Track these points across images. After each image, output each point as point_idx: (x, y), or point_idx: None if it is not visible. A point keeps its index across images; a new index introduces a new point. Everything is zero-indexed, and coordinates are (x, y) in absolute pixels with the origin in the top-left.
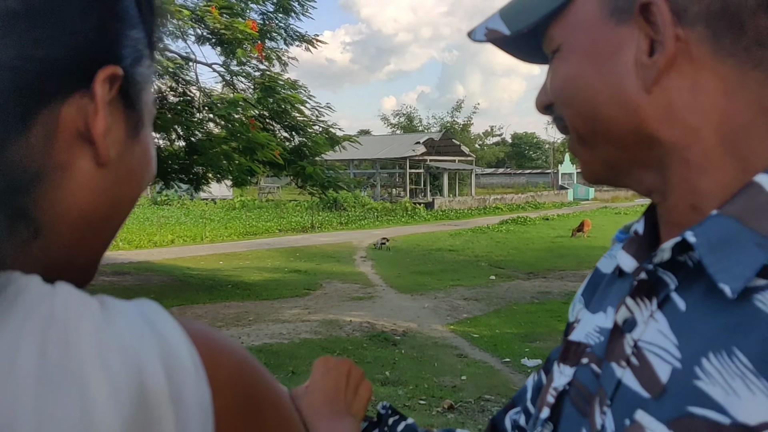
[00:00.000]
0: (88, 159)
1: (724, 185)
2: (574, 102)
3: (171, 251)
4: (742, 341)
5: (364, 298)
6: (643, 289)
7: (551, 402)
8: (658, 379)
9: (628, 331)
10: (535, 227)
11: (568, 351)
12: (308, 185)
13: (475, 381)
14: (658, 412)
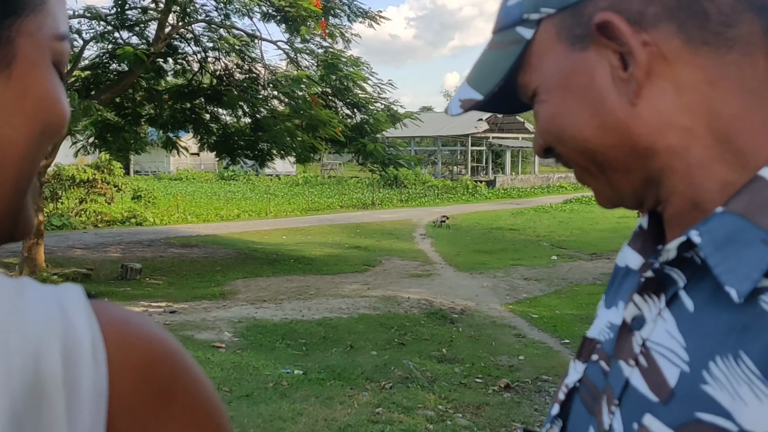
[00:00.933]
0: None
1: (725, 182)
2: (565, 139)
3: (237, 225)
4: (748, 345)
5: (423, 275)
6: (651, 287)
7: (561, 399)
8: (666, 382)
9: (637, 328)
10: (600, 207)
11: (583, 347)
12: (369, 162)
13: (533, 361)
14: (667, 417)
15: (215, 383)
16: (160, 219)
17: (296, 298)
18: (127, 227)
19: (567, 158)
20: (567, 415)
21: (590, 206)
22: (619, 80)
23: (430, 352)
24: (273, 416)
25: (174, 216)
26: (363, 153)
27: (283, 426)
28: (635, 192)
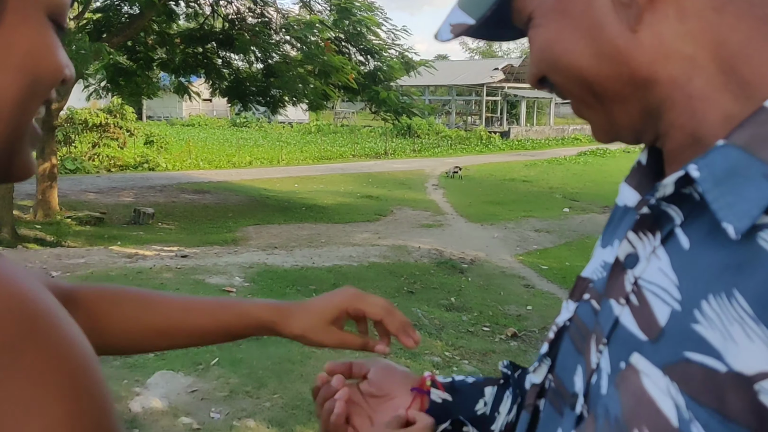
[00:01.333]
0: None
1: (728, 114)
2: (560, 68)
3: (249, 172)
4: (743, 283)
5: (434, 225)
6: (646, 224)
7: (551, 337)
8: (656, 320)
9: (630, 266)
10: (615, 159)
11: (576, 287)
12: (382, 111)
13: (541, 311)
14: (655, 356)
15: None
16: (172, 164)
17: (307, 245)
18: (139, 172)
19: (562, 89)
20: (556, 354)
21: (604, 159)
22: (620, 5)
23: (438, 301)
24: (282, 359)
25: (186, 162)
26: (376, 101)
27: (291, 368)
28: (633, 125)
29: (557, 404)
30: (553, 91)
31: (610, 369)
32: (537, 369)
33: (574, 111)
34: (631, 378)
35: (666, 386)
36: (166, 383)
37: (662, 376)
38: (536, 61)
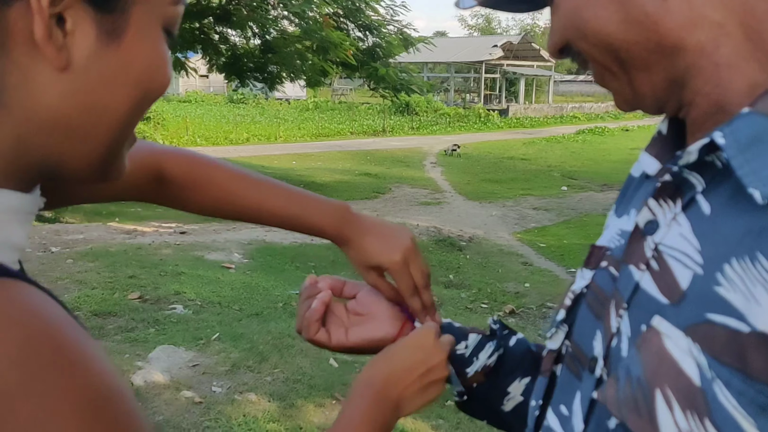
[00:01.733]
0: (45, 62)
1: (753, 83)
2: (587, 34)
3: (246, 149)
4: (766, 246)
5: (432, 203)
6: (667, 191)
7: (568, 304)
8: (678, 284)
9: (650, 233)
10: (613, 138)
11: (591, 256)
12: (380, 87)
13: (539, 288)
14: (676, 318)
15: (225, 302)
16: (169, 141)
17: None
18: None
19: (587, 55)
20: (573, 320)
21: (603, 137)
22: None
23: (437, 278)
24: (282, 334)
25: (183, 138)
26: (374, 77)
27: (291, 343)
28: (656, 94)
29: (575, 369)
30: (575, 60)
31: (630, 332)
32: (553, 335)
33: (596, 80)
34: (652, 340)
35: (688, 347)
36: (168, 357)
37: (684, 337)
38: (561, 27)
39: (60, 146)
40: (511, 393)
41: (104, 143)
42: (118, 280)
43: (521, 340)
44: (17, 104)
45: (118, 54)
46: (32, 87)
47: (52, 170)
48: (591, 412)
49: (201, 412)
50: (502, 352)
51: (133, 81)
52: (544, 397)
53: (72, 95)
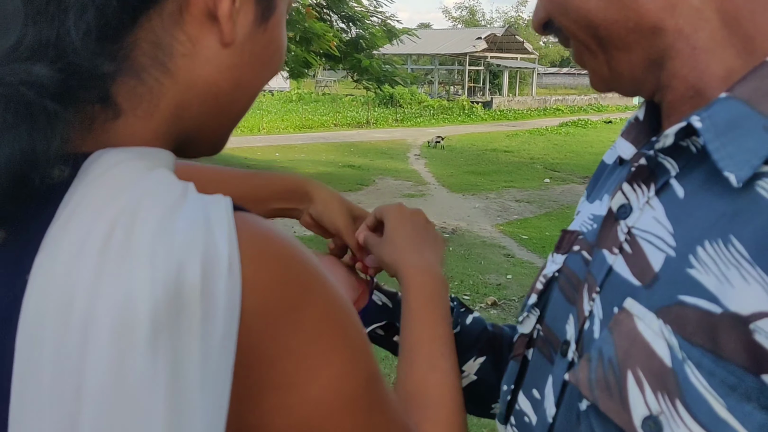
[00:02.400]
0: (214, 37)
1: (730, 68)
2: (569, 10)
3: (229, 141)
4: (739, 229)
5: (416, 195)
6: (641, 175)
7: (539, 288)
8: (651, 267)
9: (623, 217)
10: (596, 130)
11: (562, 240)
12: (364, 79)
13: (520, 280)
14: (648, 300)
15: None
16: None
17: None
18: None
19: (568, 32)
20: (545, 305)
21: (585, 129)
22: None
23: None
24: None
25: None
26: (358, 69)
27: None
28: (634, 74)
29: (547, 353)
30: (557, 36)
31: (602, 315)
32: (525, 319)
33: (575, 58)
34: (624, 321)
35: (659, 328)
36: None
37: (656, 319)
38: (546, 2)
39: (206, 116)
40: (466, 372)
41: (236, 118)
42: None
43: (477, 319)
44: (183, 73)
45: (265, 35)
46: (198, 58)
47: (188, 139)
48: (562, 395)
49: None
50: (458, 330)
51: (269, 61)
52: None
53: (228, 70)
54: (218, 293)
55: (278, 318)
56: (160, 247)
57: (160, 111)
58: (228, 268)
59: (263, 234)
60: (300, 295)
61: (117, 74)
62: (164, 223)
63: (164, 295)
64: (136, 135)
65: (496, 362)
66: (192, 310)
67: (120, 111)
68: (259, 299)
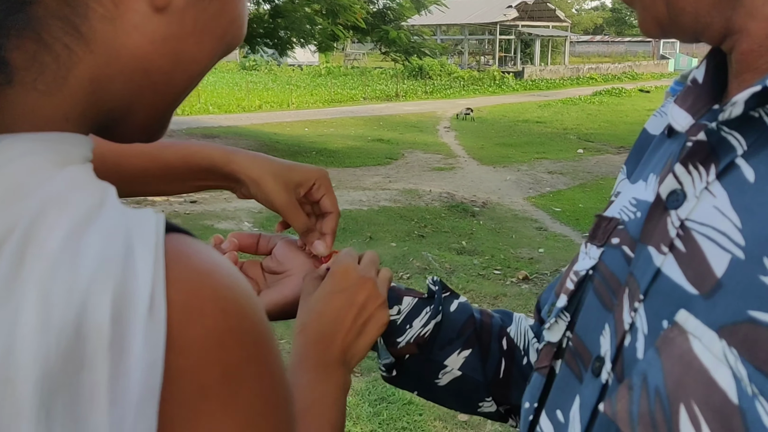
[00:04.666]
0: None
1: None
2: None
3: (258, 116)
4: None
5: (446, 168)
6: (700, 154)
7: (570, 289)
8: (711, 271)
9: (674, 207)
10: (631, 99)
11: (598, 228)
12: (392, 51)
13: (553, 254)
14: (708, 314)
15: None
16: (181, 109)
17: None
18: None
19: None
20: (576, 309)
21: (620, 98)
22: None
23: (449, 244)
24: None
25: (195, 106)
26: (386, 41)
27: None
28: (698, 10)
29: (576, 368)
30: None
31: (647, 329)
32: (553, 325)
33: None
34: (676, 340)
35: (722, 351)
36: None
37: (717, 340)
38: None
39: (134, 96)
40: (448, 366)
41: (175, 99)
42: None
43: (464, 305)
44: (101, 41)
45: (215, 4)
46: (122, 23)
47: (112, 123)
48: (592, 424)
49: None
50: (439, 320)
51: (219, 33)
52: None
53: (162, 41)
54: (134, 343)
55: (210, 386)
56: (59, 279)
57: (69, 85)
58: (148, 311)
59: (202, 270)
60: (239, 366)
61: (7, 29)
62: (68, 245)
63: (58, 344)
64: (39, 113)
65: (483, 356)
66: (97, 364)
67: (12, 76)
68: (188, 361)
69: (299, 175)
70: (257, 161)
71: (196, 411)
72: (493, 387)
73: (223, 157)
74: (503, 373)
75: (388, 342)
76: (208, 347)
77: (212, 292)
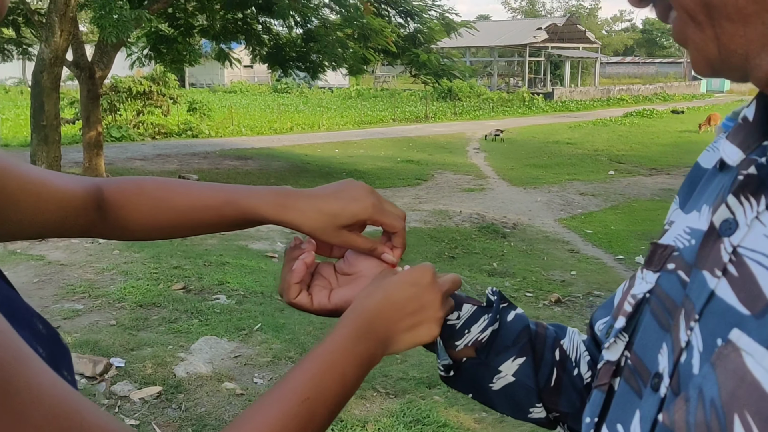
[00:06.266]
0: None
1: None
2: None
3: (290, 138)
4: None
5: (476, 189)
6: (750, 186)
7: (628, 311)
8: (762, 293)
9: (727, 234)
10: (663, 120)
11: (653, 255)
12: (422, 74)
13: (586, 276)
14: (759, 332)
15: (268, 292)
16: (215, 131)
17: None
18: (183, 139)
19: (674, 2)
20: (634, 330)
21: (651, 120)
22: None
23: (480, 266)
24: (324, 325)
25: (228, 128)
26: (416, 64)
27: None
28: (748, 54)
29: (635, 385)
30: (655, 8)
31: (702, 347)
32: (611, 345)
33: (675, 35)
34: (730, 356)
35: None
36: (210, 348)
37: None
38: None
39: None
40: (503, 372)
41: None
42: (162, 271)
43: (520, 316)
44: None
45: None
46: None
47: None
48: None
49: (242, 404)
50: (496, 327)
51: None
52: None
53: None
54: None
55: None
56: None
57: None
58: None
59: None
60: None
61: None
62: None
63: None
64: None
65: (536, 364)
66: None
67: None
68: None
69: (347, 218)
70: (306, 213)
71: None
72: (544, 394)
73: (274, 214)
74: (554, 382)
75: (447, 344)
76: None
77: None
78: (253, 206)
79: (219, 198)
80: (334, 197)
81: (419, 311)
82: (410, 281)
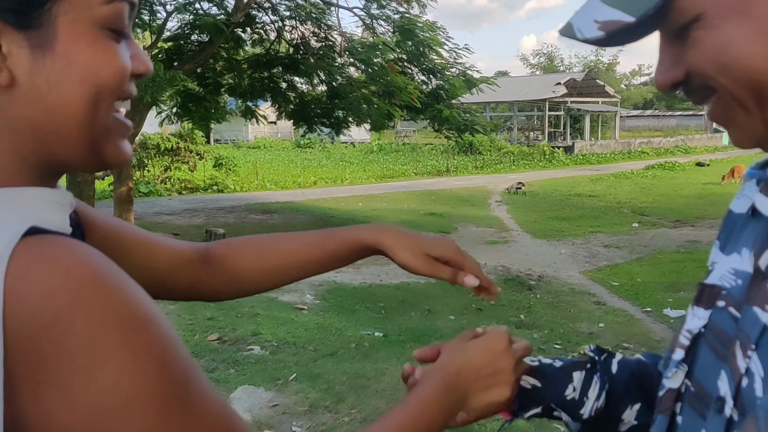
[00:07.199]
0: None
1: None
2: (732, 69)
3: (314, 192)
4: None
5: (499, 242)
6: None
7: (685, 344)
8: None
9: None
10: (684, 173)
11: (702, 294)
12: (444, 128)
13: (614, 329)
14: None
15: (300, 343)
16: (240, 186)
17: (374, 263)
18: (209, 194)
19: (724, 90)
20: (692, 360)
21: (674, 172)
22: None
23: (507, 318)
24: (357, 374)
25: (253, 183)
26: (439, 119)
27: (367, 384)
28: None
29: (699, 409)
30: (690, 95)
31: (764, 373)
32: (673, 375)
33: (713, 115)
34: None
35: None
36: (249, 398)
37: None
38: (704, 61)
39: (48, 145)
40: (625, 420)
41: (81, 135)
42: (197, 322)
43: (622, 363)
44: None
45: (56, 60)
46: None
47: (57, 165)
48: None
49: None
50: (608, 387)
51: (77, 79)
52: None
53: (30, 104)
54: None
55: (47, 324)
56: None
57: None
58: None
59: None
60: (71, 303)
61: None
62: None
63: None
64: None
65: (651, 405)
66: None
67: None
68: (26, 308)
69: (437, 251)
70: (401, 239)
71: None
72: None
73: (371, 237)
74: None
75: (573, 416)
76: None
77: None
78: (352, 232)
79: (319, 234)
80: (424, 234)
81: (494, 374)
82: (488, 347)
